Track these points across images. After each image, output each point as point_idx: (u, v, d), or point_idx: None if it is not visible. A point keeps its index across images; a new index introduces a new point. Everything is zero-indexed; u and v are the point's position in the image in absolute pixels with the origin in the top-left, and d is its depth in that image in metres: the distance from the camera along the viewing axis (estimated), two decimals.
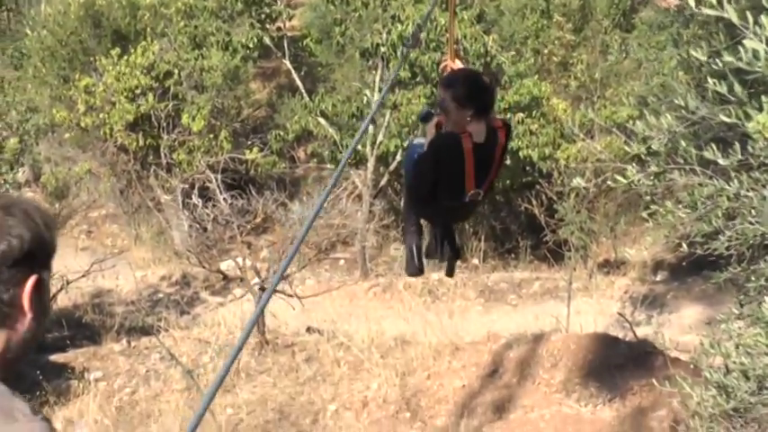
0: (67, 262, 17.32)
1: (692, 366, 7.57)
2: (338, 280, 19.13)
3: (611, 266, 18.61)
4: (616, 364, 13.14)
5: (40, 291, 2.53)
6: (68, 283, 16.03)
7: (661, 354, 13.16)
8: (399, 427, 12.41)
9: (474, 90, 5.87)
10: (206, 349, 15.00)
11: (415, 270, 6.78)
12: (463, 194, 5.95)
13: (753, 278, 6.23)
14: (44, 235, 2.57)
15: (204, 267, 17.39)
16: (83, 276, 16.55)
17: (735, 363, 5.51)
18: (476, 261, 19.36)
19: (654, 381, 11.99)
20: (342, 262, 20.72)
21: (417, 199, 6.52)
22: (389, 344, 14.60)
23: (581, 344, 13.67)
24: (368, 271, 19.92)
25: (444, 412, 12.71)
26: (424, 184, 6.16)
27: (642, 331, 14.70)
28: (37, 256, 2.54)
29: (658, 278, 17.96)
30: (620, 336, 14.33)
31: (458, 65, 6.54)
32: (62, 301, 16.39)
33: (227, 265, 17.89)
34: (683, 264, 12.11)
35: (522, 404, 12.77)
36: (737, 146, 5.07)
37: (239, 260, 16.29)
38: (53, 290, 15.58)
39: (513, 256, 19.86)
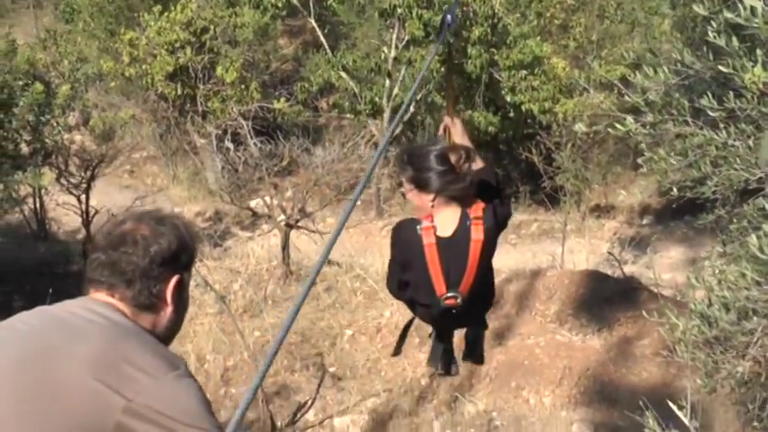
0: (113, 198, 17.38)
1: (678, 298, 7.57)
2: (355, 218, 19.12)
3: (602, 211, 18.58)
4: (605, 297, 13.15)
5: (181, 288, 2.84)
6: (114, 216, 16.00)
7: (646, 289, 13.17)
8: (408, 351, 12.44)
9: (435, 170, 4.30)
10: (236, 278, 15.05)
11: (439, 371, 5.20)
12: (436, 300, 4.38)
13: (735, 220, 6.20)
14: (188, 243, 2.87)
15: (235, 205, 17.39)
16: (126, 210, 16.52)
17: (717, 296, 5.49)
18: None
19: (642, 313, 12.05)
20: (358, 202, 20.73)
21: (399, 299, 4.91)
22: None
23: (574, 279, 13.68)
24: (382, 211, 19.93)
25: None
26: (391, 283, 4.69)
27: (629, 269, 14.71)
28: (181, 259, 2.84)
29: (644, 222, 17.92)
30: (610, 273, 14.32)
31: (458, 123, 4.83)
32: None
33: (255, 203, 17.88)
34: (674, 206, 12.07)
35: (520, 332, 12.81)
36: (730, 95, 5.02)
37: (267, 199, 16.27)
38: (101, 222, 15.63)
39: (513, 200, 19.81)
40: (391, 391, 11.86)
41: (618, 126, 5.88)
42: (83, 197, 15.83)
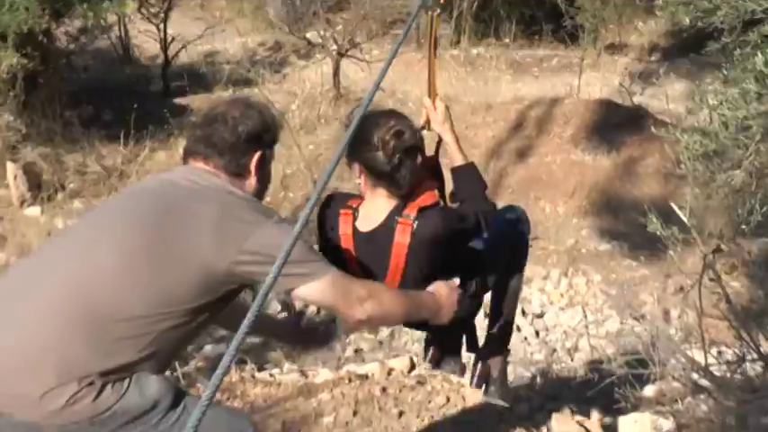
0: (187, 27, 17.22)
1: (683, 117, 7.52)
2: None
3: (616, 48, 18.16)
4: (615, 123, 13.08)
5: (264, 163, 3.01)
6: (188, 43, 15.97)
7: (652, 116, 13.06)
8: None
9: (357, 138, 3.19)
10: (294, 99, 15.06)
11: (428, 363, 4.14)
12: None
13: (739, 48, 6.06)
14: (270, 125, 3.04)
15: (293, 35, 17.23)
16: (198, 38, 16.48)
17: (718, 114, 5.42)
18: (507, 40, 18.96)
19: (646, 136, 12.00)
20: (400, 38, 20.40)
21: None
22: None
23: (588, 107, 13.57)
24: (421, 45, 19.64)
25: (477, 155, 12.76)
26: None
27: (638, 99, 14.52)
28: (264, 138, 3.01)
29: (653, 58, 17.55)
30: (620, 102, 14.16)
31: (440, 108, 3.58)
32: (183, 59, 16.33)
33: (311, 35, 17.66)
34: (684, 35, 11.75)
35: (539, 152, 12.83)
36: None
37: (320, 31, 16.10)
38: (177, 48, 15.57)
39: (537, 37, 19.38)
40: None
41: None
42: (161, 26, 15.76)
